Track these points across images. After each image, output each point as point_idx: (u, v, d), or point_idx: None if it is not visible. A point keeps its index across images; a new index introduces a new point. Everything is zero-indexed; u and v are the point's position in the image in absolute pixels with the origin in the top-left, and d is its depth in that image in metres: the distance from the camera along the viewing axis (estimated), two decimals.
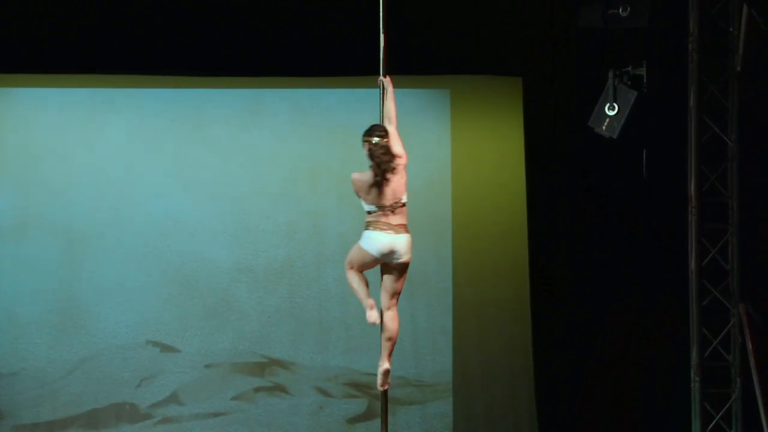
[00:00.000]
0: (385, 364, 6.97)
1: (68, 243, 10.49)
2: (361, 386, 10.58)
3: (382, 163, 6.82)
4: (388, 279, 7.03)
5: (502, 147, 10.82)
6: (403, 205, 6.95)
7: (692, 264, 9.17)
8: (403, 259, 6.97)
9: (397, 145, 6.90)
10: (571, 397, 10.39)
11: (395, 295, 7.04)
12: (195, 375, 10.54)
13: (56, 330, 10.45)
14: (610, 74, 9.21)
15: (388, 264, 6.99)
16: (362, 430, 10.54)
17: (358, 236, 6.95)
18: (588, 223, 10.43)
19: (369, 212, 6.93)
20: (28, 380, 10.42)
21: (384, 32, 6.88)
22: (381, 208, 6.90)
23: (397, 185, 6.92)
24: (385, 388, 7.01)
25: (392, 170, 6.84)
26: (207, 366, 10.57)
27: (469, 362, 10.66)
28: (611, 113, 9.21)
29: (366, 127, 6.94)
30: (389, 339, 7.03)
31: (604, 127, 9.26)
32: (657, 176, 10.05)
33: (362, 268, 7.03)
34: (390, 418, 7.01)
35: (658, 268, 10.12)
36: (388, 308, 7.03)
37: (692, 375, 9.13)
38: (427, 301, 10.63)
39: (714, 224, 9.23)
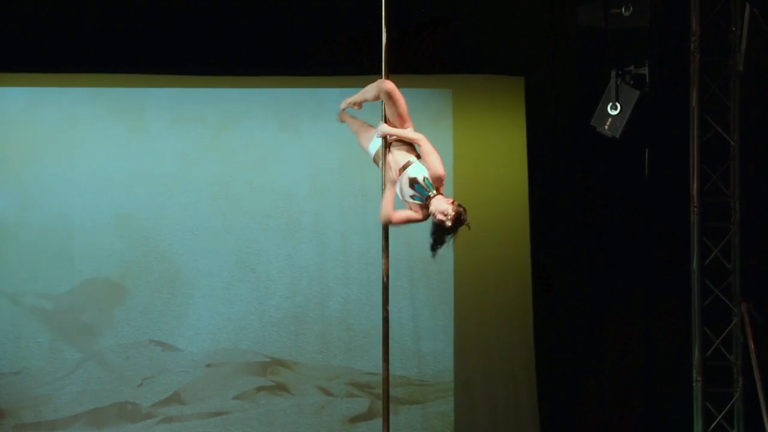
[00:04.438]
0: None
1: (69, 242, 10.48)
2: (362, 386, 10.57)
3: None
4: None
5: (504, 146, 10.80)
6: None
7: (694, 263, 9.16)
8: None
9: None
10: (573, 396, 10.39)
11: None
12: (196, 374, 10.54)
13: (58, 329, 10.44)
14: (613, 74, 9.21)
15: None
16: (364, 429, 10.54)
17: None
18: (590, 222, 10.43)
19: None
20: (29, 380, 10.41)
21: (386, 31, 6.87)
22: None
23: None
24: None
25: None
26: (208, 365, 10.56)
27: (470, 362, 10.64)
28: (614, 113, 9.20)
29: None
30: None
31: (606, 127, 9.26)
32: (659, 176, 10.04)
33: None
34: (391, 417, 6.99)
35: (659, 268, 10.12)
36: None
37: (694, 374, 9.13)
38: (429, 301, 10.61)
39: (716, 223, 9.23)
